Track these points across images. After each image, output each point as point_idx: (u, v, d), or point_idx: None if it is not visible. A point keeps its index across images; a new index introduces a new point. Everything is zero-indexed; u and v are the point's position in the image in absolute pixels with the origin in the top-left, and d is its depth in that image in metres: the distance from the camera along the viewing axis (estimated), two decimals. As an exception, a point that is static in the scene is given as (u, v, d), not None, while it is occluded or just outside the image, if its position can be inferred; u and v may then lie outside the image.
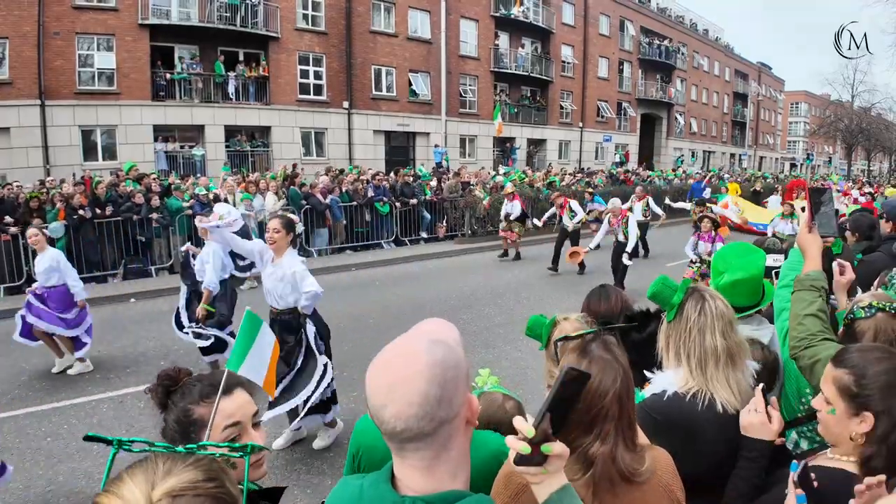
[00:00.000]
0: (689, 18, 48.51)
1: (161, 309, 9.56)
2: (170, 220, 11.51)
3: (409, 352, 1.08)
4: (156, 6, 19.36)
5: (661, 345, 2.06)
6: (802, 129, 70.53)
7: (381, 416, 1.05)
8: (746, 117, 54.12)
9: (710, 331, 1.91)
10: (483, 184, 18.76)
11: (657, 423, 1.84)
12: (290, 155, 22.21)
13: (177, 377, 1.64)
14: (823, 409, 1.65)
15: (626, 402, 1.43)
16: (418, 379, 1.03)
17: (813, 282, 2.20)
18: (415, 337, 1.13)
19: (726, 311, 1.95)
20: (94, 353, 7.40)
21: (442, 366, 1.06)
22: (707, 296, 1.98)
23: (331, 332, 5.48)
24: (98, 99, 18.66)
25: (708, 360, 1.90)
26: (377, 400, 1.05)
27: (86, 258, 10.70)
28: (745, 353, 1.99)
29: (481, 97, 29.37)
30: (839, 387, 1.59)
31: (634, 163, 37.02)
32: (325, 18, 23.26)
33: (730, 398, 1.87)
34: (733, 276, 2.61)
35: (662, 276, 2.13)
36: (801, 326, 2.13)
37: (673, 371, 2.00)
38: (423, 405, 1.02)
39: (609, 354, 1.47)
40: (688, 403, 1.87)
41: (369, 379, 1.08)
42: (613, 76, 37.64)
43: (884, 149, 60.84)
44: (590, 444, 1.40)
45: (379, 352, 1.12)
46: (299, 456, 4.98)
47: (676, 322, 2.00)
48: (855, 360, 1.60)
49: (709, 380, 1.89)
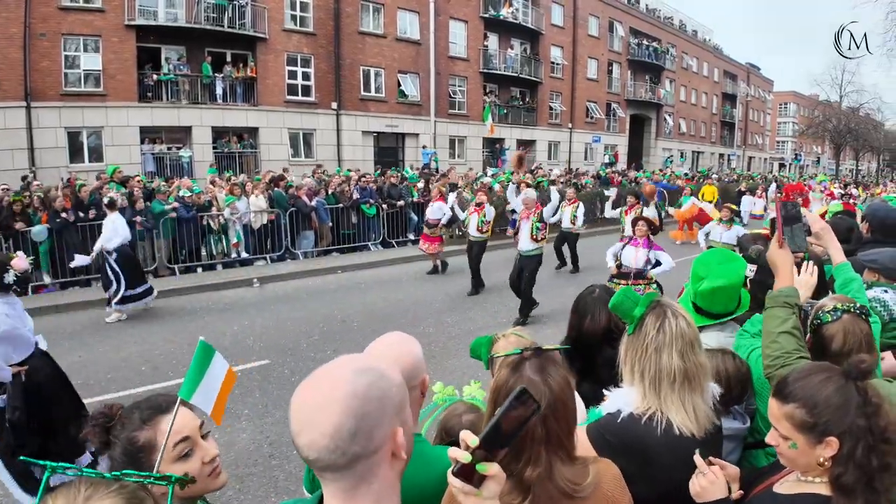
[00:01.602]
0: (679, 19, 48.70)
1: (144, 313, 9.56)
2: (154, 224, 11.45)
3: (331, 380, 1.04)
4: (142, 7, 19.25)
5: (620, 358, 1.98)
6: (791, 130, 70.88)
7: (296, 442, 1.02)
8: (735, 118, 54.38)
9: (667, 350, 1.82)
10: (471, 184, 18.76)
11: (611, 445, 1.80)
12: (278, 156, 22.18)
13: (111, 413, 1.65)
14: (782, 444, 1.60)
15: (552, 423, 1.41)
16: (333, 410, 0.99)
17: (786, 298, 2.15)
18: (342, 364, 1.08)
19: (688, 331, 1.85)
20: (74, 358, 7.39)
21: (363, 398, 1.01)
22: (669, 313, 1.87)
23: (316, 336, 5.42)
24: (84, 100, 18.54)
25: (663, 380, 1.81)
26: (293, 425, 1.03)
27: (69, 261, 10.63)
28: (706, 376, 1.88)
29: (470, 98, 29.39)
30: (794, 423, 1.55)
31: (624, 163, 37.15)
32: (313, 19, 23.21)
33: (685, 421, 1.79)
34: (713, 283, 2.57)
35: (625, 288, 2.06)
36: (776, 345, 2.08)
37: (628, 388, 1.93)
38: (334, 438, 0.98)
39: (539, 375, 1.44)
40: (643, 426, 1.80)
41: (292, 402, 1.05)
42: (603, 77, 37.73)
43: (872, 149, 61.38)
44: (522, 469, 1.39)
45: None
46: (277, 462, 4.99)
47: (635, 336, 1.91)
48: (800, 392, 1.56)
49: (663, 401, 1.82)
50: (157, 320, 9.20)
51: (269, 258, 13.38)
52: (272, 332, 8.57)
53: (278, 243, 13.61)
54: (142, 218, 11.20)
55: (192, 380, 1.73)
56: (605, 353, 2.61)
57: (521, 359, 1.50)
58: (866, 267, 3.53)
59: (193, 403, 1.69)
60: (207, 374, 1.78)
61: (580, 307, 2.78)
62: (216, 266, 12.63)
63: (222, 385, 1.82)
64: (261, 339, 8.23)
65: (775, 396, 1.62)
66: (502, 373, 1.49)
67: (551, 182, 17.25)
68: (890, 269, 3.40)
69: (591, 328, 2.67)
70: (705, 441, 1.80)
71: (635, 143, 41.86)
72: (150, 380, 6.72)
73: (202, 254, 12.59)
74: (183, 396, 1.66)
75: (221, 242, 12.85)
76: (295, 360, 7.36)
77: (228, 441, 5.28)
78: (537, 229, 8.79)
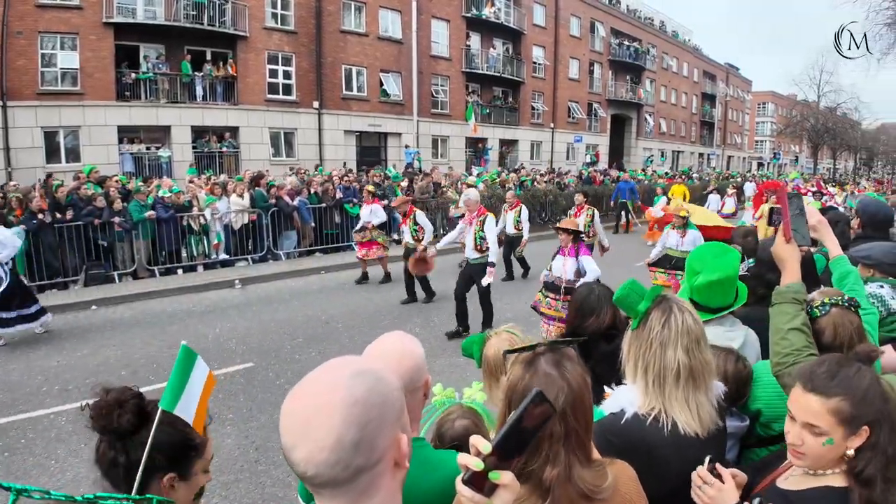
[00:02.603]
0: (659, 20, 49.10)
1: (123, 316, 9.41)
2: (132, 224, 11.25)
3: (326, 387, 0.95)
4: (121, 4, 18.96)
5: (623, 354, 1.94)
6: (769, 129, 71.87)
7: (291, 457, 0.92)
8: (715, 117, 54.97)
9: (672, 346, 1.78)
10: (456, 184, 18.74)
11: (614, 445, 1.73)
12: (258, 156, 22.00)
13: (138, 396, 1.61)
14: (812, 442, 1.54)
15: (571, 420, 1.34)
16: (332, 420, 0.90)
17: (794, 294, 2.13)
18: (336, 368, 0.99)
19: (694, 328, 1.81)
20: (51, 363, 7.23)
21: (363, 405, 0.93)
22: (675, 308, 1.84)
23: (300, 338, 5.36)
24: (61, 99, 18.22)
25: (667, 378, 1.78)
26: (287, 439, 0.93)
27: (46, 264, 10.43)
28: (711, 374, 1.85)
29: (453, 98, 29.36)
30: (840, 417, 1.50)
31: (605, 163, 37.35)
32: (294, 17, 23.04)
33: (689, 420, 1.76)
34: (710, 277, 2.55)
35: (631, 280, 2.01)
36: (786, 341, 2.05)
37: (631, 385, 1.90)
38: (336, 450, 0.90)
39: (555, 370, 1.38)
40: (648, 427, 1.77)
41: (282, 414, 0.95)
42: (584, 77, 37.91)
43: (849, 148, 62.48)
44: (540, 469, 1.33)
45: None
46: (264, 468, 4.89)
47: (639, 332, 1.87)
48: (842, 386, 1.52)
49: (666, 398, 1.78)
50: (136, 324, 9.02)
51: (251, 259, 13.23)
52: (255, 334, 8.44)
53: (260, 244, 13.44)
54: (120, 219, 11.01)
55: (174, 387, 1.62)
56: (601, 349, 2.60)
57: (534, 355, 1.43)
58: (860, 263, 3.53)
59: (176, 414, 1.59)
60: (190, 381, 1.68)
61: (584, 306, 2.79)
62: (197, 267, 12.45)
63: (202, 391, 1.72)
64: (244, 341, 8.11)
65: (815, 392, 1.55)
66: (516, 370, 1.42)
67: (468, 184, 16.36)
68: (884, 264, 3.41)
69: (596, 326, 2.67)
70: (709, 441, 1.78)
71: (616, 142, 42.19)
72: (131, 385, 6.56)
73: (182, 255, 12.39)
74: (165, 407, 1.58)
75: (202, 243, 12.66)
76: (279, 363, 7.26)
77: (213, 446, 5.16)
78: (481, 239, 8.09)
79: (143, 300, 10.28)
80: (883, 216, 4.89)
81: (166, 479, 1.55)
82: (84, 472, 4.75)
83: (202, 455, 1.67)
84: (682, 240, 9.13)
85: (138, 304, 10.03)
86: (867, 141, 65.70)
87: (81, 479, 4.67)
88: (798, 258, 2.22)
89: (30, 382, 6.68)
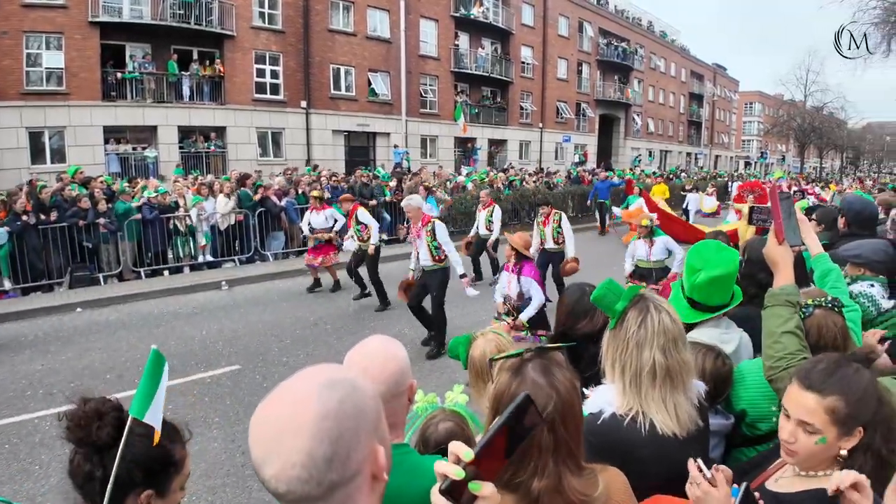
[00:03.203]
0: (647, 20, 49.30)
1: (108, 319, 9.33)
2: (118, 226, 11.16)
3: (295, 399, 0.90)
4: (107, 3, 18.81)
5: (602, 353, 1.92)
6: (756, 129, 72.40)
7: (261, 474, 0.87)
8: (702, 117, 55.31)
9: (648, 346, 1.76)
10: (444, 183, 18.74)
11: (592, 445, 1.68)
12: (246, 156, 21.91)
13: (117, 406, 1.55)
14: (805, 440, 1.54)
15: (561, 430, 1.31)
16: (302, 434, 0.86)
17: (788, 297, 2.09)
18: (309, 377, 0.93)
19: (671, 327, 1.79)
20: (35, 367, 7.16)
21: (334, 418, 0.88)
22: (652, 307, 1.81)
23: (287, 340, 5.31)
24: (46, 99, 18.05)
25: (643, 378, 1.76)
26: (255, 454, 0.88)
27: (31, 266, 10.32)
28: (689, 374, 1.82)
29: (442, 97, 29.34)
30: (835, 416, 1.50)
31: (593, 163, 37.48)
32: (282, 17, 22.94)
33: (667, 420, 1.74)
34: (711, 273, 2.51)
35: (608, 280, 1.98)
36: (779, 345, 2.03)
37: (610, 385, 1.88)
38: (307, 467, 0.85)
39: (544, 378, 1.34)
40: (626, 427, 1.75)
41: (251, 427, 0.90)
42: (572, 77, 38.01)
43: (835, 147, 63.12)
44: (529, 479, 1.28)
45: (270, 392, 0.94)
46: (251, 472, 4.86)
47: (616, 331, 1.86)
48: (838, 385, 1.51)
49: (643, 398, 1.76)
50: (122, 326, 8.95)
51: (238, 260, 13.15)
52: (242, 336, 8.39)
53: (247, 245, 13.36)
54: (105, 220, 10.92)
55: (144, 394, 1.55)
56: (590, 351, 2.59)
57: (521, 361, 1.39)
58: (849, 262, 3.52)
59: (146, 422, 1.53)
60: (159, 388, 1.61)
61: (576, 308, 2.75)
62: (183, 269, 12.36)
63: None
64: (230, 344, 8.06)
65: (811, 390, 1.55)
66: (503, 377, 1.38)
67: (429, 189, 15.08)
68: (874, 262, 3.39)
69: (589, 329, 2.65)
70: (688, 441, 1.75)
71: (604, 142, 42.34)
72: (116, 388, 6.50)
73: (169, 256, 12.30)
74: (135, 414, 1.50)
75: (188, 244, 12.58)
76: (266, 366, 7.22)
77: (199, 451, 5.13)
78: (436, 249, 7.54)
79: (129, 302, 10.20)
80: (868, 213, 4.91)
81: (143, 497, 1.49)
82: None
83: (181, 471, 1.60)
84: (651, 249, 8.28)
85: (124, 307, 9.96)
86: (853, 140, 66.53)
87: (66, 484, 4.62)
88: (791, 260, 2.19)
89: (14, 386, 6.61)
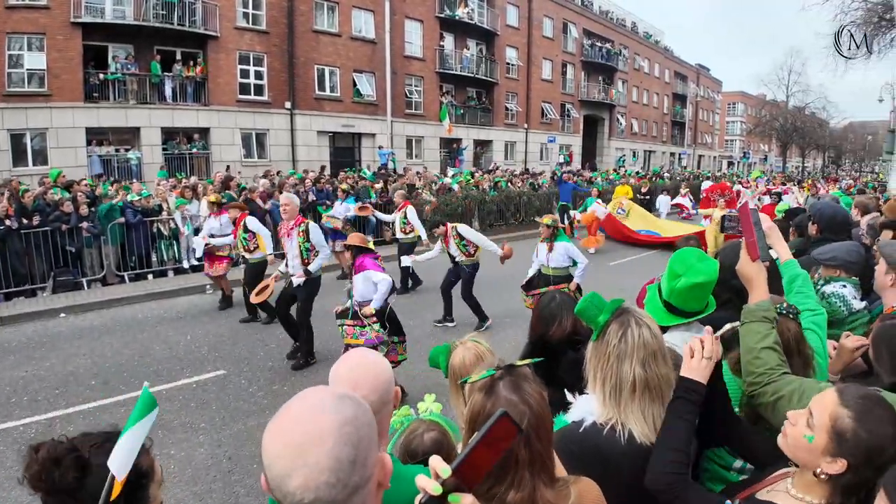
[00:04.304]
0: (631, 21, 49.58)
1: (93, 324, 9.27)
2: (101, 229, 11.08)
3: (313, 411, 0.94)
4: (89, 4, 18.65)
5: (585, 364, 1.96)
6: (739, 129, 73.04)
7: (286, 487, 0.89)
8: (685, 117, 55.75)
9: (628, 359, 1.81)
10: (431, 184, 18.74)
11: (573, 454, 1.77)
12: (230, 157, 21.82)
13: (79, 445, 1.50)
14: (801, 429, 1.55)
15: (535, 443, 1.36)
16: (327, 441, 0.90)
17: (765, 313, 2.10)
18: (315, 394, 0.99)
19: (651, 341, 1.83)
20: (20, 373, 7.11)
21: (353, 423, 0.93)
22: (633, 322, 1.85)
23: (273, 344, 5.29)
24: (28, 101, 17.89)
25: (623, 390, 1.80)
26: (280, 468, 0.90)
27: (13, 271, 10.21)
28: (669, 386, 1.85)
29: (427, 98, 29.37)
30: (835, 426, 1.47)
31: (578, 163, 37.67)
32: (265, 17, 22.87)
33: (644, 430, 1.79)
34: (692, 280, 2.52)
35: (592, 293, 2.02)
36: (759, 360, 2.02)
37: (592, 395, 1.93)
38: (335, 470, 0.89)
39: (516, 395, 1.39)
40: (605, 437, 1.80)
41: (269, 444, 0.93)
42: (557, 78, 38.18)
43: (817, 146, 63.84)
44: (505, 492, 1.34)
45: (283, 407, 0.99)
46: (238, 478, 4.88)
47: (598, 344, 1.90)
48: (861, 411, 1.47)
49: (622, 410, 1.81)
50: (107, 331, 8.88)
51: (224, 263, 13.06)
52: (227, 340, 8.37)
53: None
54: (88, 224, 10.83)
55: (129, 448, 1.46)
56: (568, 357, 2.63)
57: (492, 380, 1.43)
58: (823, 264, 3.59)
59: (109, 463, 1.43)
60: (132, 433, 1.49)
61: (545, 314, 2.80)
62: (167, 272, 12.29)
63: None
64: (216, 348, 8.05)
65: (839, 394, 1.53)
66: (476, 398, 1.43)
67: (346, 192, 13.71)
68: (849, 263, 3.47)
69: (559, 333, 2.70)
70: None
71: (589, 143, 42.56)
72: (101, 395, 6.50)
73: (153, 260, 12.22)
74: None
75: (172, 248, 12.50)
76: (252, 370, 7.22)
77: (186, 456, 5.15)
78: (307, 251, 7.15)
79: (113, 307, 10.14)
80: (841, 218, 4.99)
81: None
82: None
83: (154, 478, 1.58)
84: (549, 255, 7.59)
85: (108, 311, 9.90)
86: (835, 140, 67.29)
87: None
88: (765, 276, 2.21)
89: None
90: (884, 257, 3.03)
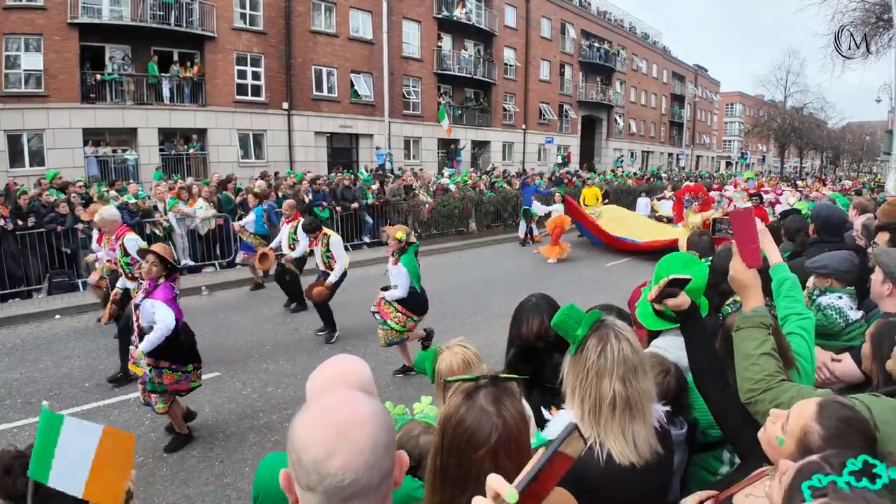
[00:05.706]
0: (629, 22, 49.62)
1: (87, 325, 9.26)
2: (97, 231, 11.06)
3: (349, 401, 1.00)
4: (86, 4, 18.60)
5: (562, 377, 1.90)
6: (737, 129, 73.17)
7: (326, 468, 0.91)
8: (683, 118, 55.67)
9: (608, 375, 1.75)
10: (427, 185, 18.73)
11: None
12: (227, 158, 21.81)
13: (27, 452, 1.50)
14: (776, 430, 1.56)
15: (503, 460, 1.30)
16: (367, 424, 0.96)
17: (761, 318, 2.08)
18: (342, 389, 1.09)
19: (631, 356, 1.77)
20: (14, 375, 7.10)
21: (385, 413, 1.01)
22: (612, 336, 1.79)
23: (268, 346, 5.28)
24: (25, 101, 17.84)
25: (602, 407, 1.75)
26: (319, 450, 0.93)
27: (8, 273, 10.22)
28: (650, 401, 1.83)
29: (425, 99, 29.36)
30: (803, 438, 1.48)
31: (576, 164, 37.69)
32: (263, 18, 22.84)
33: (624, 450, 1.74)
34: None
35: (569, 305, 1.95)
36: (757, 367, 1.99)
37: (570, 411, 1.87)
38: (374, 452, 0.94)
39: (493, 407, 1.34)
40: (583, 458, 1.65)
41: (305, 430, 0.96)
42: (555, 79, 38.17)
43: (815, 147, 63.92)
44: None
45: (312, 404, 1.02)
46: (230, 481, 4.88)
47: (576, 359, 1.83)
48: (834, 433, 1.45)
49: (602, 428, 1.76)
50: (100, 333, 8.84)
51: (218, 265, 13.08)
52: (222, 342, 8.36)
53: (228, 249, 13.30)
54: (84, 225, 10.82)
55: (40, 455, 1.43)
56: (554, 360, 2.63)
57: (475, 386, 1.39)
58: (814, 273, 3.52)
59: (51, 485, 1.42)
60: (62, 448, 1.46)
61: (515, 316, 2.79)
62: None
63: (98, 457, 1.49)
64: (210, 350, 7.96)
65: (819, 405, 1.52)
66: (453, 400, 1.40)
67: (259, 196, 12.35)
68: (841, 272, 3.40)
69: (526, 334, 2.68)
70: (645, 469, 1.76)
71: (587, 143, 42.57)
72: (95, 397, 6.50)
73: (149, 261, 12.16)
74: (34, 477, 1.42)
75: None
76: (246, 373, 7.21)
77: (178, 459, 5.16)
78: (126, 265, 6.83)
79: (109, 308, 10.13)
80: (837, 219, 5.00)
81: None
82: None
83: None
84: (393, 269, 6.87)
85: (103, 313, 9.88)
86: (833, 140, 67.35)
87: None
88: (759, 282, 2.19)
89: (-9, 396, 6.56)
90: (880, 266, 2.94)
